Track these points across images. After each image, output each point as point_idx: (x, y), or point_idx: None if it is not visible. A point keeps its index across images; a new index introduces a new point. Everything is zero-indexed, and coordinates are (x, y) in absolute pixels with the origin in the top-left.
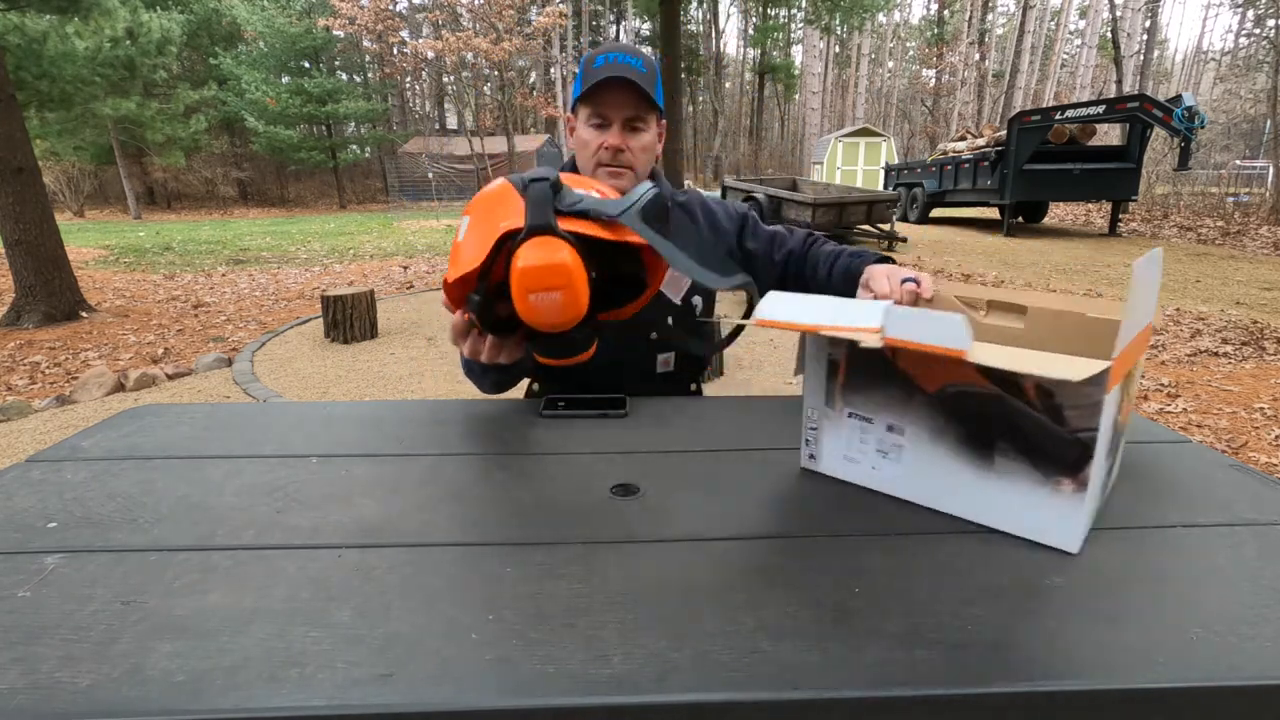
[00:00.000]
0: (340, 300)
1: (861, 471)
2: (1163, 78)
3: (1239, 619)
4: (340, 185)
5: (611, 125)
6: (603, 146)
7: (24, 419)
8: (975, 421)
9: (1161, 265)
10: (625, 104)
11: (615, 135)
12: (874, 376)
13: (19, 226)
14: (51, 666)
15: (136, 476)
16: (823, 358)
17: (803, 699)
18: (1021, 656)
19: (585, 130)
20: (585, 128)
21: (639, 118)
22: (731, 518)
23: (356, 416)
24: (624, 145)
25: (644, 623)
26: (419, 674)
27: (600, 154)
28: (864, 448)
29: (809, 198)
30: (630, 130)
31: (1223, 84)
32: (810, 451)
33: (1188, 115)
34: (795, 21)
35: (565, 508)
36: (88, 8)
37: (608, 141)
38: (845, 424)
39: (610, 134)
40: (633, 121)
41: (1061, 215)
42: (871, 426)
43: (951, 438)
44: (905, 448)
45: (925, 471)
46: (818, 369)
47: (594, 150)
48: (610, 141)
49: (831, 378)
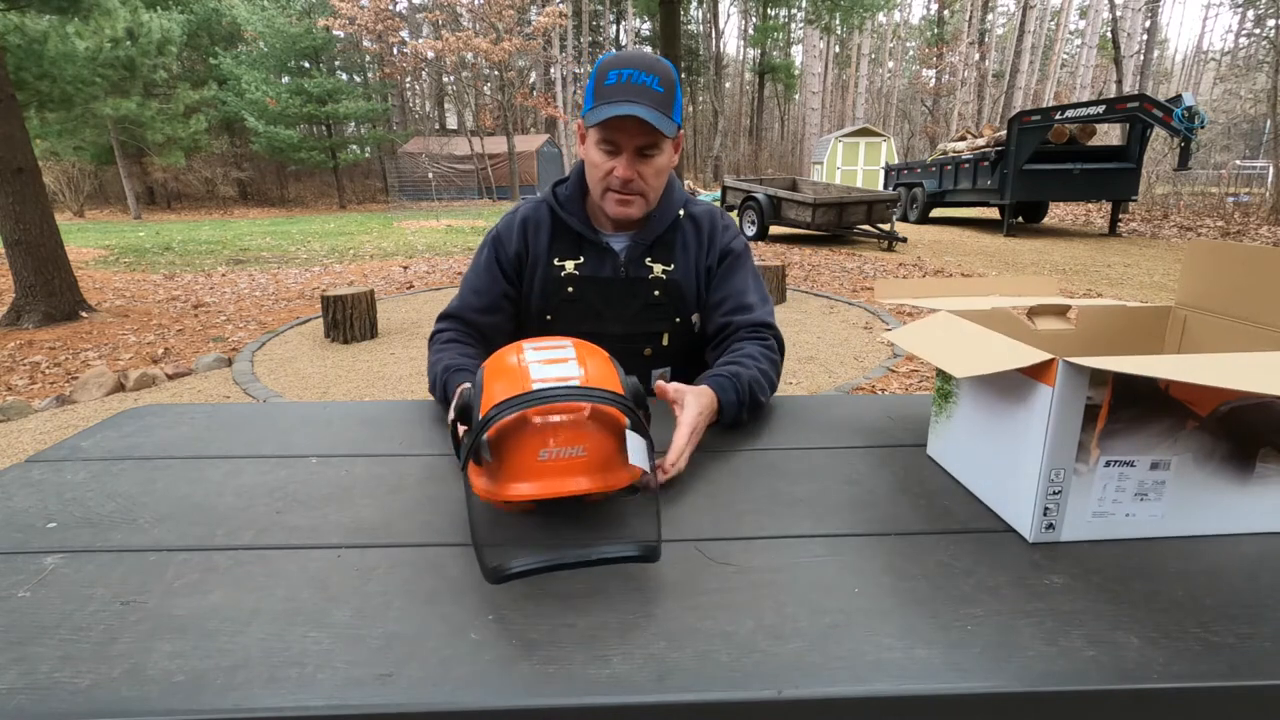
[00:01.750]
0: (340, 300)
1: (1111, 525)
2: (1163, 78)
3: (1239, 619)
4: (340, 185)
5: (622, 154)
6: (612, 174)
7: (24, 419)
8: (1243, 434)
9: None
10: (637, 133)
11: (625, 166)
12: (1143, 412)
13: (19, 226)
14: (51, 667)
15: (136, 477)
16: (1077, 405)
17: (802, 699)
18: (1021, 656)
19: (595, 153)
20: (595, 150)
21: (652, 144)
22: (731, 518)
23: (356, 416)
24: (634, 175)
25: (644, 623)
26: (419, 674)
27: (610, 180)
28: (1120, 496)
29: (809, 198)
30: (642, 158)
31: (1223, 84)
32: (1049, 521)
33: (1188, 115)
34: (795, 21)
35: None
36: (88, 8)
37: (618, 171)
38: (1099, 475)
39: (620, 163)
40: (645, 149)
41: (1061, 215)
42: (1133, 470)
43: (1218, 458)
44: (1168, 483)
45: (1188, 500)
46: (1066, 421)
47: (603, 174)
48: (620, 172)
49: (1088, 426)
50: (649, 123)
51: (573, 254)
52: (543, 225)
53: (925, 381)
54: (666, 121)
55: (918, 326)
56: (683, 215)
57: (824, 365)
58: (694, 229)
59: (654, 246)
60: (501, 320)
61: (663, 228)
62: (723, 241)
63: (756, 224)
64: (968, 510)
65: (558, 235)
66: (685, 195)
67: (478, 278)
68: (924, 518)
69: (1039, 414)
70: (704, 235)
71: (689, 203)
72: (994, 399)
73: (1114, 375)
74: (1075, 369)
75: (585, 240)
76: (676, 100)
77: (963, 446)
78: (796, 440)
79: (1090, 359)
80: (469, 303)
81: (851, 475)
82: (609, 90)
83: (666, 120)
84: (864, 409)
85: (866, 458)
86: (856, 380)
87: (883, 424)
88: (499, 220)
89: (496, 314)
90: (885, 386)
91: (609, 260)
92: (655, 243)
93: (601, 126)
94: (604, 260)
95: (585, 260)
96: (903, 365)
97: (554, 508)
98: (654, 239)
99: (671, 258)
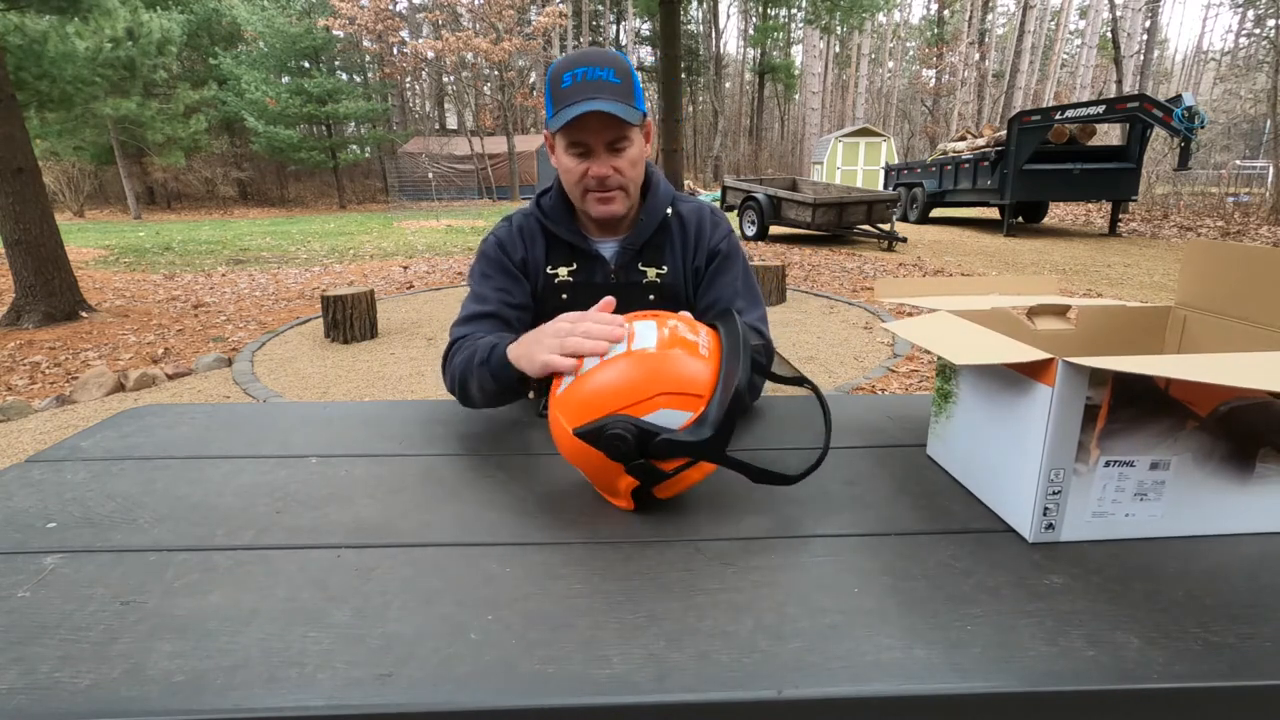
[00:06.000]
0: (340, 300)
1: (1110, 525)
2: (1163, 78)
3: (1239, 619)
4: (340, 185)
5: (593, 152)
6: (588, 174)
7: (24, 419)
8: (1243, 434)
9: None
10: (604, 128)
11: (600, 164)
12: (1143, 412)
13: (19, 226)
14: (51, 667)
15: (136, 477)
16: (1076, 405)
17: (802, 699)
18: (1021, 656)
19: (567, 158)
20: (566, 156)
21: (621, 137)
22: (731, 518)
23: (356, 416)
24: (609, 171)
25: (644, 623)
26: (419, 674)
27: (587, 181)
28: (1120, 496)
29: (809, 198)
30: (614, 152)
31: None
32: (1049, 521)
33: (1188, 115)
34: (795, 21)
35: (565, 508)
36: (88, 8)
37: (593, 170)
38: (1099, 475)
39: (594, 163)
40: (615, 144)
41: (1061, 215)
42: (1132, 470)
43: (1217, 458)
44: (1167, 483)
45: (1187, 500)
46: (1066, 421)
47: (579, 177)
48: (595, 171)
49: (1087, 426)
50: (614, 115)
51: (565, 262)
52: (536, 234)
53: (925, 381)
54: (631, 110)
55: (918, 320)
56: (670, 214)
57: (824, 365)
58: (681, 228)
59: (644, 250)
60: (530, 320)
61: (651, 229)
62: (711, 241)
63: (756, 224)
64: (968, 510)
65: (550, 244)
66: (672, 192)
67: (497, 279)
68: (924, 518)
69: (1039, 414)
70: (691, 235)
71: (677, 200)
72: (994, 399)
73: (1114, 375)
74: (1075, 369)
75: (576, 249)
76: (636, 88)
77: (962, 447)
78: (796, 440)
79: (1090, 359)
80: (502, 299)
81: (851, 476)
82: (566, 92)
83: (630, 109)
84: (864, 409)
85: (866, 458)
86: (856, 380)
87: (883, 424)
88: (493, 231)
89: (527, 311)
90: (885, 386)
91: (600, 267)
92: (645, 246)
93: (567, 129)
94: (595, 267)
95: (578, 267)
96: (903, 365)
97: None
98: (643, 242)
99: (663, 260)
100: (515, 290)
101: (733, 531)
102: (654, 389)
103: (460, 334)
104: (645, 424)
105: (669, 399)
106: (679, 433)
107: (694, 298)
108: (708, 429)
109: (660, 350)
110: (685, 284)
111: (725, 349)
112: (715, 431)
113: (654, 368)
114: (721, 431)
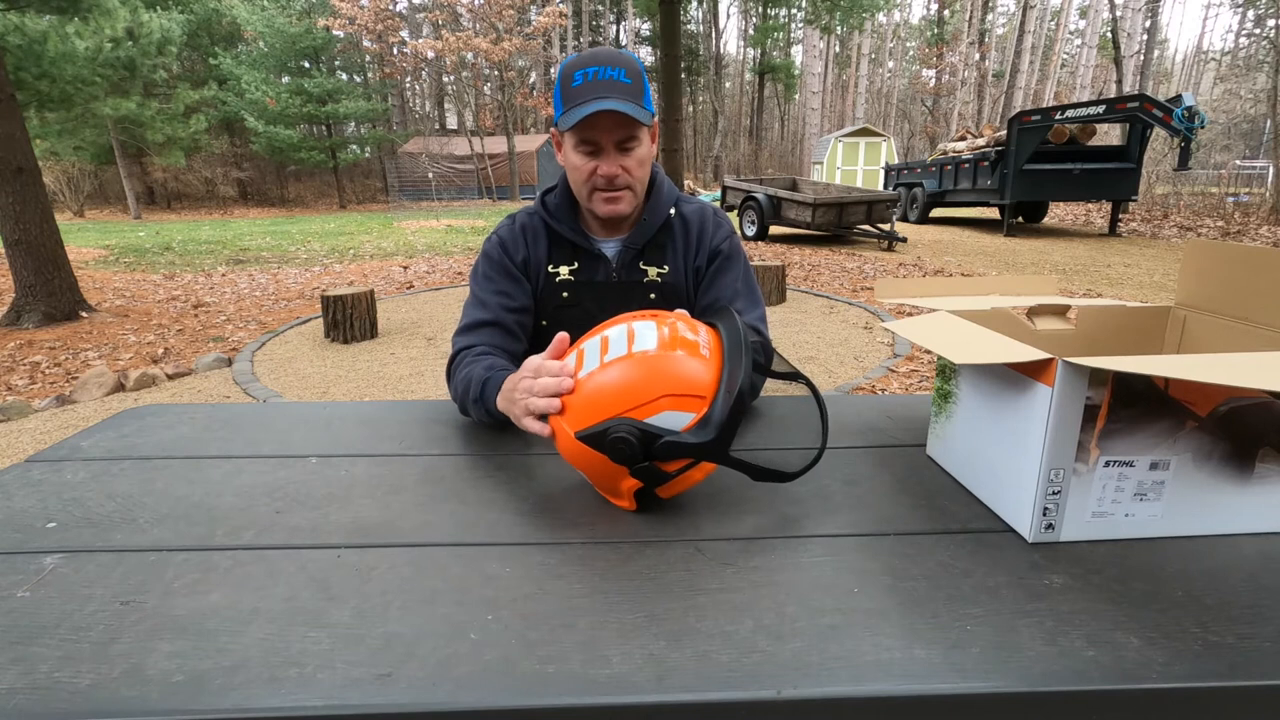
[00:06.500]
0: (340, 300)
1: (1110, 525)
2: (1163, 78)
3: (1239, 619)
4: (340, 185)
5: (603, 151)
6: (596, 173)
7: (24, 419)
8: (1242, 434)
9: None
10: (614, 127)
11: (609, 163)
12: (1143, 412)
13: (19, 226)
14: (51, 666)
15: (136, 477)
16: (1076, 404)
17: (802, 699)
18: (1021, 656)
19: (575, 156)
20: (575, 154)
21: (631, 136)
22: (731, 518)
23: (356, 416)
24: (618, 170)
25: (644, 623)
26: (419, 674)
27: (595, 180)
28: (1119, 496)
29: (809, 198)
30: (623, 152)
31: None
32: (1048, 521)
33: (1188, 115)
34: (795, 21)
35: (565, 508)
36: (88, 8)
37: (601, 169)
38: (1099, 475)
39: (603, 161)
40: (624, 143)
41: (1061, 215)
42: (1132, 470)
43: (1217, 458)
44: (1167, 483)
45: (1187, 500)
46: (1066, 421)
47: (587, 175)
48: (604, 170)
49: (1087, 426)
50: (625, 114)
51: (567, 260)
52: (539, 233)
53: (925, 381)
54: (641, 111)
55: (918, 320)
56: (674, 215)
57: (824, 365)
58: (684, 228)
59: (646, 249)
60: (530, 323)
61: (654, 229)
62: (713, 241)
63: (756, 224)
64: (967, 510)
65: (553, 243)
66: (676, 193)
67: (498, 281)
68: (923, 518)
69: (1038, 414)
70: (693, 235)
71: (680, 200)
72: (993, 399)
73: (1114, 375)
74: (1074, 369)
75: (579, 248)
76: (645, 89)
77: (962, 447)
78: (796, 440)
79: (1090, 359)
80: (502, 304)
81: (851, 475)
82: (577, 91)
83: (641, 109)
84: (864, 409)
85: (866, 458)
86: (856, 380)
87: (883, 424)
88: (497, 229)
89: (528, 314)
90: (885, 386)
91: (602, 266)
92: (647, 245)
93: (578, 128)
94: (598, 266)
95: (580, 266)
96: (903, 365)
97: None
98: (645, 242)
99: (665, 259)
100: (516, 293)
101: (733, 531)
102: (657, 391)
103: (462, 345)
104: (649, 427)
105: (672, 400)
106: (683, 434)
107: (695, 297)
108: (712, 430)
109: (661, 351)
110: (686, 283)
111: (726, 348)
112: (719, 433)
113: (657, 369)
114: (725, 432)
